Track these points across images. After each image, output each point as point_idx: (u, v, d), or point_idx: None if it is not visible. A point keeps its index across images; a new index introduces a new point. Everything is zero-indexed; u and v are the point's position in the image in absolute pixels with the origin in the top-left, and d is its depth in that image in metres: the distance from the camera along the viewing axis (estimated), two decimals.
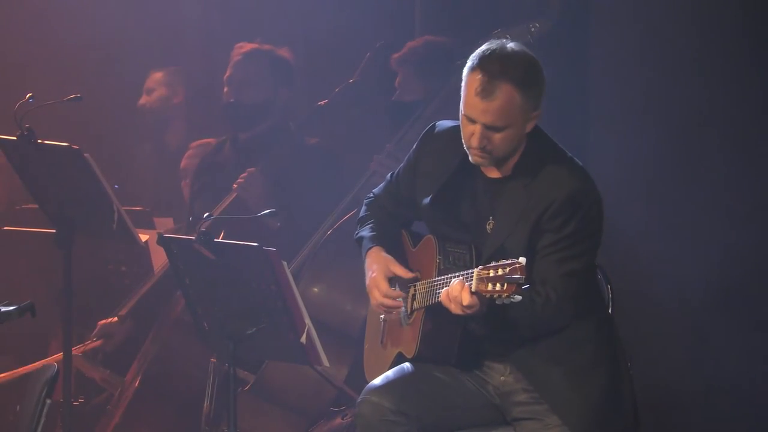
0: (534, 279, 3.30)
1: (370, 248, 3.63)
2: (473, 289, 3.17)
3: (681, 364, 5.06)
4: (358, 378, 4.49)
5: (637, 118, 5.22)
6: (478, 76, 3.32)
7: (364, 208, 3.78)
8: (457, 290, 3.23)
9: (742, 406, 4.93)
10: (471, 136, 3.37)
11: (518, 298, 3.10)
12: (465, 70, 3.39)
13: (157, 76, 6.48)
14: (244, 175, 5.42)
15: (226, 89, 5.57)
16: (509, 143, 3.38)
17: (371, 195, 3.80)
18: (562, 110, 5.20)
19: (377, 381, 3.57)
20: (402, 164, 3.71)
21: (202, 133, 6.18)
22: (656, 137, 5.17)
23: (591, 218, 3.39)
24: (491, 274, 3.12)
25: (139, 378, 5.30)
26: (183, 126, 6.47)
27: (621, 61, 5.28)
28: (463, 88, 3.39)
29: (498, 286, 3.10)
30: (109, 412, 5.38)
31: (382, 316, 3.72)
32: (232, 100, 5.52)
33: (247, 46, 5.57)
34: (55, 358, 5.32)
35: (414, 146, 3.67)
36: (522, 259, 3.09)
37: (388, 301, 3.54)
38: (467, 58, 3.42)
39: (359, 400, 3.56)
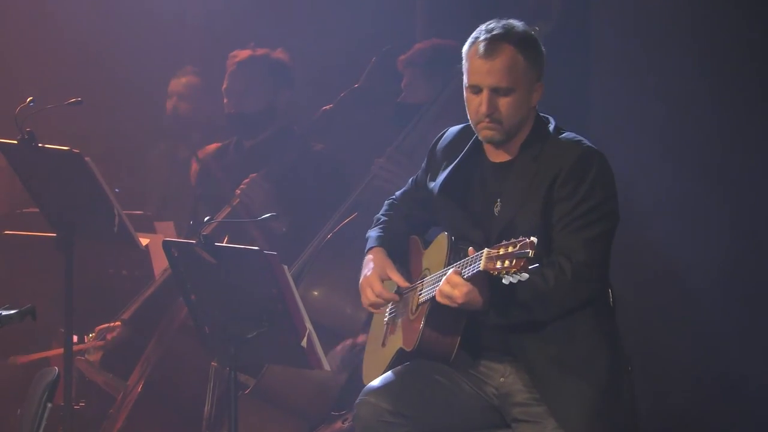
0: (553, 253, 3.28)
1: (372, 248, 3.65)
2: (481, 268, 3.14)
3: (681, 364, 5.05)
4: (359, 382, 4.50)
5: (638, 119, 5.23)
6: (481, 41, 3.39)
7: (384, 208, 3.80)
8: (446, 287, 3.25)
9: (744, 405, 4.93)
10: (479, 107, 3.39)
11: (525, 276, 3.07)
12: (465, 48, 3.44)
13: (194, 81, 6.47)
14: (246, 180, 5.41)
15: (225, 100, 5.56)
16: (517, 110, 3.39)
17: (393, 197, 3.81)
18: (562, 112, 5.20)
19: (375, 382, 3.57)
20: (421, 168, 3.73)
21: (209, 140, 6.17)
22: (658, 138, 5.17)
23: (603, 180, 3.37)
24: (501, 252, 3.09)
25: (142, 382, 5.30)
26: (199, 136, 6.45)
27: (622, 63, 5.29)
28: (465, 64, 3.43)
29: (507, 263, 3.06)
30: (111, 416, 5.38)
31: (386, 318, 3.72)
32: (232, 111, 5.51)
33: (240, 55, 5.55)
34: (56, 352, 5.33)
35: (428, 151, 3.70)
36: (533, 238, 3.05)
37: (380, 300, 3.56)
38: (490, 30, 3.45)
39: (357, 401, 3.56)
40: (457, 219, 3.51)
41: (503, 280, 3.10)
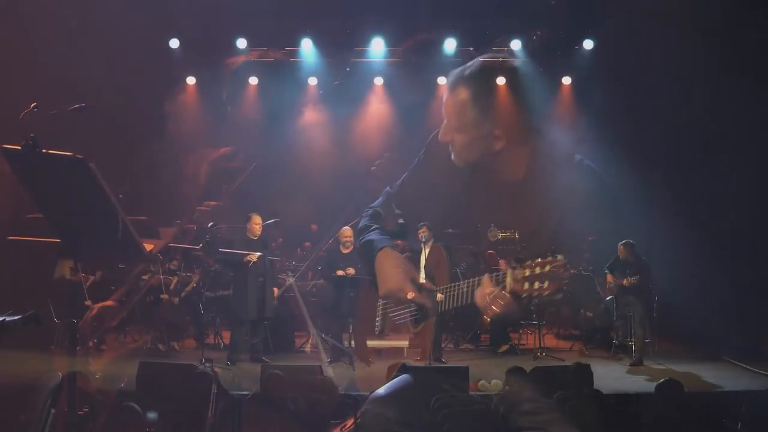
0: None
1: (383, 248, 3.66)
2: (508, 290, 3.12)
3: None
4: (359, 386, 4.51)
5: (640, 131, 5.24)
6: (462, 70, 3.39)
7: (364, 219, 3.81)
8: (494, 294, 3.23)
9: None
10: None
11: (560, 296, 3.04)
12: None
13: (189, 97, 6.49)
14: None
15: None
16: (464, 149, 3.41)
17: (369, 209, 3.82)
18: (562, 119, 5.21)
19: (381, 391, 3.57)
20: (406, 174, 3.70)
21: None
22: (657, 156, 5.19)
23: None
24: (527, 274, 3.02)
25: (124, 381, 5.32)
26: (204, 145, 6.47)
27: (621, 72, 5.31)
28: None
29: (537, 285, 3.00)
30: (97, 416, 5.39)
31: (390, 314, 3.72)
32: None
33: None
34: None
35: (421, 153, 3.67)
36: (560, 257, 3.00)
37: (419, 298, 3.55)
38: (467, 66, 3.46)
39: (363, 409, 3.57)
40: (451, 226, 3.53)
41: (534, 300, 3.06)
